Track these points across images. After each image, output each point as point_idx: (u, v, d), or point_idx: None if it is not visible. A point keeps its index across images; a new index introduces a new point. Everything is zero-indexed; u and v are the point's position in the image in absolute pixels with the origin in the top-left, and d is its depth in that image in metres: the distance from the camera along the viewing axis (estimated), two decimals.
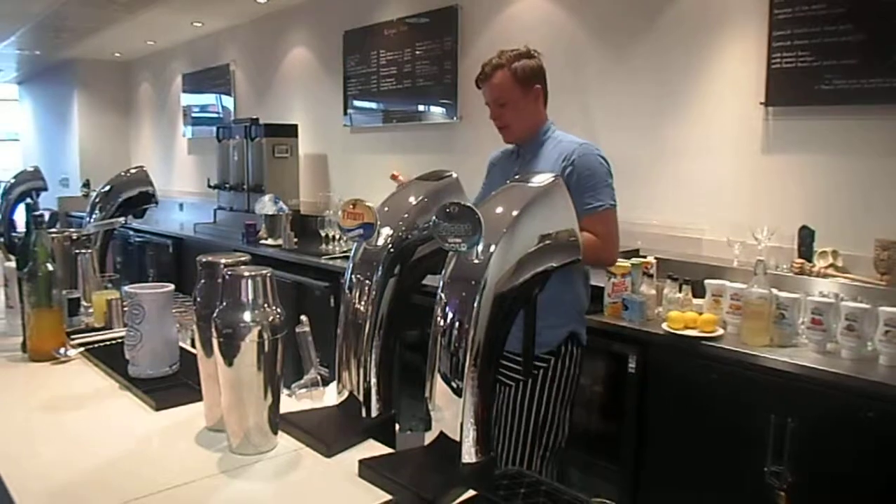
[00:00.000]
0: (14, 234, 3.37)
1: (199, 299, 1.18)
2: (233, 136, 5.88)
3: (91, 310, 2.00)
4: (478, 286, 0.99)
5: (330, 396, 1.53)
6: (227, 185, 5.92)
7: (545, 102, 2.43)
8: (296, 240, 4.86)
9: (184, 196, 7.41)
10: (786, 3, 2.96)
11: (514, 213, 1.03)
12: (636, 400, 2.71)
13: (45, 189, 3.68)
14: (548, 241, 1.06)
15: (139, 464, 1.14)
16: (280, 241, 4.91)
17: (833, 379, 2.23)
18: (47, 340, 1.65)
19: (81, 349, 1.70)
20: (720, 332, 2.58)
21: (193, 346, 1.73)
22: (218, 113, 7.31)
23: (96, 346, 1.72)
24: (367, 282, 1.20)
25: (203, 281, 1.18)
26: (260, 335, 1.08)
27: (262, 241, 5.04)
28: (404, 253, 1.22)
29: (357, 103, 5.40)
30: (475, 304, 0.99)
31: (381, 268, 1.19)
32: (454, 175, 1.29)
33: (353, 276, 1.23)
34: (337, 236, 4.65)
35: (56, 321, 1.67)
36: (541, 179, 1.11)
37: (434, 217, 1.02)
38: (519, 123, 2.35)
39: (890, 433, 2.09)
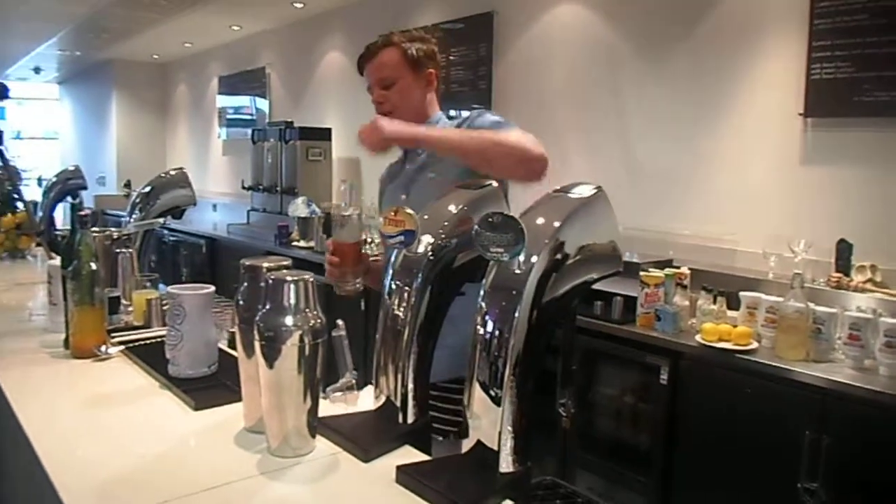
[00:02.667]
0: (55, 231, 3.45)
1: (241, 302, 1.20)
2: (267, 138, 5.95)
3: (130, 308, 2.04)
4: (518, 296, 1.00)
5: (364, 401, 1.54)
6: (261, 187, 5.99)
7: (438, 94, 2.10)
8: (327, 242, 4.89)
9: (217, 197, 7.50)
10: (827, 13, 2.93)
11: (556, 223, 1.03)
12: (667, 411, 2.69)
13: (86, 188, 3.77)
14: (589, 253, 1.06)
15: (180, 463, 1.16)
16: (312, 243, 4.95)
17: (870, 396, 2.20)
18: (89, 338, 1.68)
19: (122, 347, 1.73)
20: (755, 345, 2.55)
21: (230, 346, 1.77)
22: (252, 115, 7.40)
23: (136, 344, 1.75)
24: (407, 288, 1.21)
25: (245, 284, 1.20)
26: (301, 339, 1.09)
27: (295, 243, 5.08)
28: (443, 261, 1.23)
29: None
30: (515, 314, 0.99)
31: (420, 275, 1.20)
32: (494, 184, 1.30)
33: (392, 283, 1.24)
34: (368, 240, 4.67)
35: (98, 319, 1.70)
36: (582, 190, 1.11)
37: (476, 226, 1.02)
38: (405, 110, 1.97)
39: None
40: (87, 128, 10.49)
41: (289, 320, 1.09)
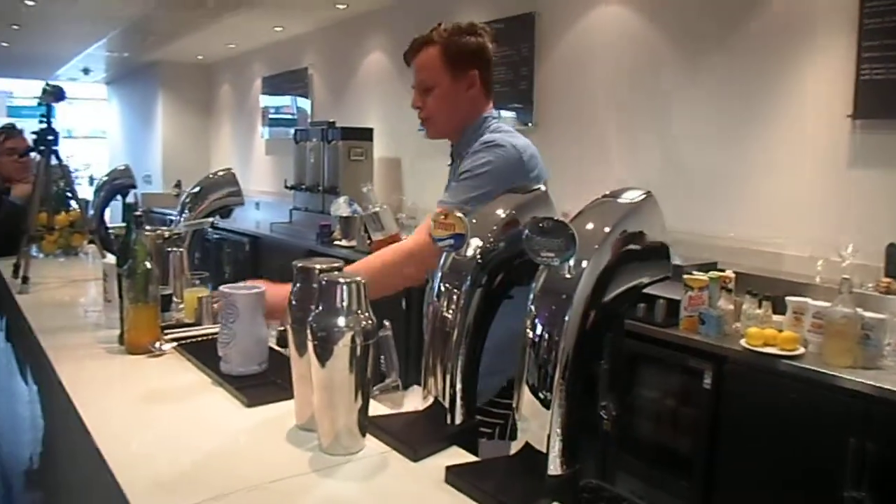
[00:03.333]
0: (107, 229, 3.54)
1: (294, 302, 1.22)
2: (310, 138, 6.03)
3: (181, 306, 2.09)
4: (569, 301, 1.01)
5: (409, 400, 1.56)
6: (303, 186, 6.07)
7: (488, 94, 1.92)
8: (369, 241, 4.93)
9: (260, 195, 7.61)
10: (876, 12, 2.87)
11: (607, 229, 1.04)
12: (710, 416, 2.68)
13: (135, 187, 3.86)
14: (639, 258, 1.06)
15: (235, 458, 1.19)
16: (354, 243, 5.01)
17: None
18: (144, 334, 1.73)
19: (174, 344, 1.78)
20: (801, 350, 2.52)
21: (278, 344, 1.81)
22: (293, 114, 7.50)
23: (188, 341, 1.80)
24: (456, 291, 1.23)
25: (298, 285, 1.23)
26: (353, 340, 1.11)
27: (336, 242, 5.14)
28: (491, 264, 1.24)
29: None
30: (566, 318, 1.01)
31: (469, 278, 1.22)
32: (542, 188, 1.31)
33: (441, 285, 1.26)
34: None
35: (152, 317, 1.76)
36: (632, 195, 1.12)
37: (526, 231, 1.03)
38: (444, 116, 1.86)
39: None
40: (133, 127, 10.74)
41: (341, 321, 1.12)
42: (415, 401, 1.50)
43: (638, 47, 3.91)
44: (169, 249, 2.20)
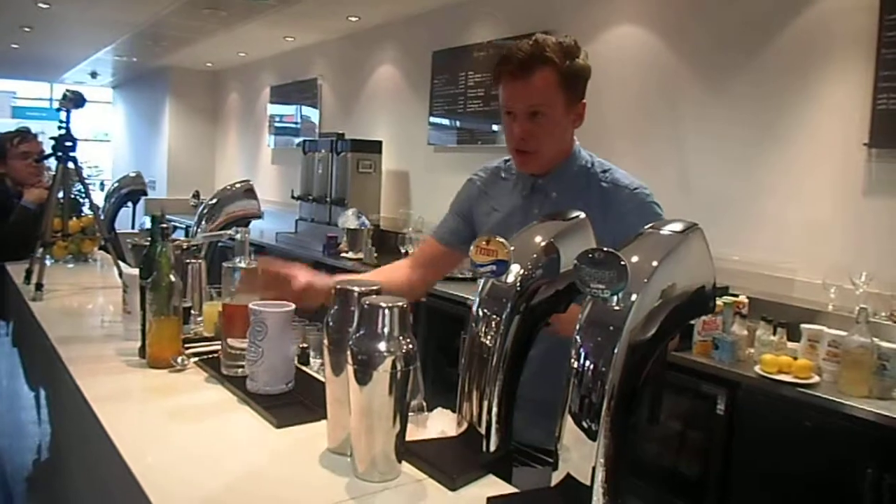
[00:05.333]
0: (117, 235, 3.53)
1: (331, 324, 1.22)
2: (318, 149, 6.03)
3: (200, 319, 2.08)
4: (617, 333, 1.00)
5: (433, 422, 1.55)
6: (311, 197, 6.06)
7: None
8: (376, 254, 4.94)
9: (265, 205, 7.54)
10: (894, 43, 2.88)
11: (654, 263, 1.03)
12: (723, 442, 2.66)
13: (146, 194, 3.85)
14: (685, 293, 1.06)
15: (267, 481, 1.18)
16: (361, 255, 5.00)
17: None
18: (166, 348, 1.72)
19: (196, 359, 1.76)
20: (816, 379, 2.51)
21: (299, 361, 1.79)
22: (296, 123, 7.51)
23: (209, 356, 1.79)
24: (496, 317, 1.22)
25: (336, 307, 1.22)
26: (394, 365, 1.11)
27: (343, 254, 5.13)
28: (530, 291, 1.23)
29: (442, 123, 5.47)
30: (614, 350, 1.00)
31: (509, 304, 1.21)
32: (582, 215, 1.30)
33: (480, 310, 1.25)
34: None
35: (175, 330, 1.74)
36: (676, 227, 1.11)
37: (576, 261, 1.03)
38: (548, 152, 1.67)
39: None
40: (139, 132, 10.74)
41: (382, 346, 1.11)
42: (439, 423, 1.49)
43: (653, 69, 3.92)
44: (188, 261, 2.19)
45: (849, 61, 3.09)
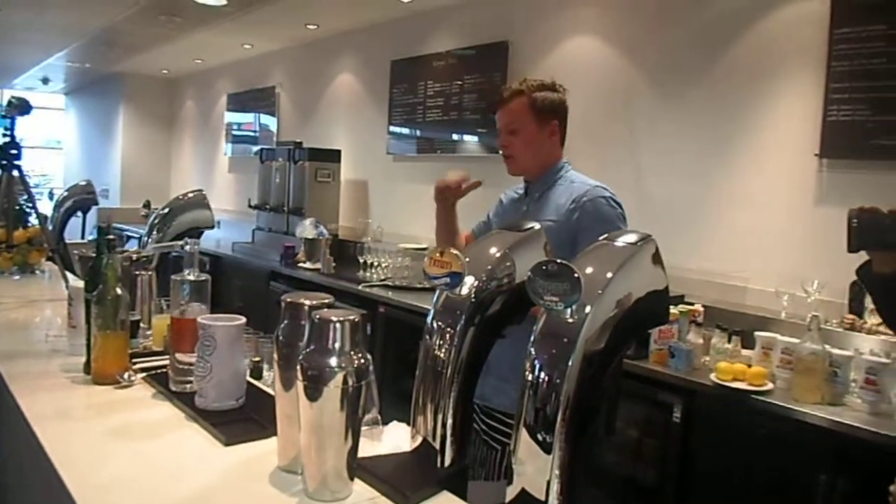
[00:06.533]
0: (65, 246, 3.44)
1: (281, 338, 1.18)
2: (276, 157, 5.96)
3: (149, 332, 2.02)
4: (572, 345, 0.99)
5: (387, 436, 1.52)
6: (268, 206, 5.98)
7: (562, 142, 2.27)
8: (334, 264, 4.89)
9: (222, 214, 7.47)
10: (845, 56, 2.95)
11: (608, 274, 1.03)
12: (680, 450, 2.67)
13: (97, 203, 3.76)
14: (639, 304, 1.05)
15: (213, 502, 1.14)
16: (318, 265, 4.94)
17: (886, 441, 2.18)
18: (112, 364, 1.66)
19: (143, 374, 1.71)
20: (770, 386, 2.54)
21: (251, 376, 1.75)
22: (254, 131, 7.43)
23: (158, 371, 1.73)
24: (450, 329, 1.20)
25: (286, 321, 1.19)
26: (345, 380, 1.08)
27: (301, 265, 5.07)
28: (485, 303, 1.22)
29: (401, 132, 5.45)
30: (569, 363, 0.99)
31: (463, 316, 1.19)
32: (536, 226, 1.29)
33: (434, 323, 1.23)
34: (375, 263, 4.67)
35: (122, 345, 1.69)
36: (630, 238, 1.11)
37: (529, 273, 1.02)
38: (526, 157, 2.18)
39: None
40: (92, 139, 10.50)
41: (333, 361, 1.08)
42: (394, 437, 1.46)
43: (611, 79, 3.95)
44: (137, 273, 2.13)
45: (800, 73, 3.15)
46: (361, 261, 4.76)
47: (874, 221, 1.50)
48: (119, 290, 1.67)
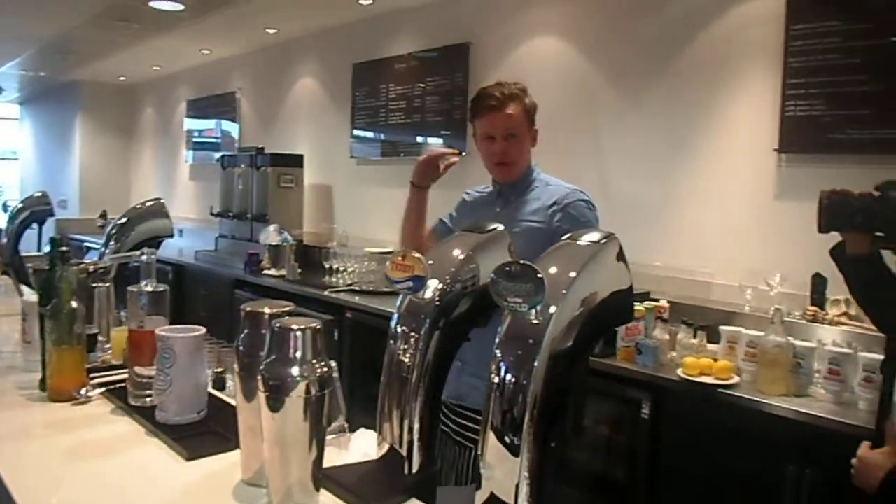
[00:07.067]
0: (21, 259, 3.34)
1: (241, 348, 1.15)
2: (238, 164, 5.88)
3: (108, 346, 1.97)
4: (537, 346, 0.98)
5: (355, 444, 1.50)
6: (231, 213, 5.90)
7: None
8: (300, 270, 4.84)
9: (183, 222, 7.37)
10: (801, 52, 3.00)
11: (572, 274, 1.02)
12: (649, 446, 2.68)
13: (53, 215, 3.67)
14: (604, 303, 1.04)
15: None
16: (283, 272, 4.88)
17: (851, 431, 2.21)
18: (68, 380, 1.62)
19: (102, 389, 1.66)
20: (736, 379, 2.56)
21: (214, 387, 1.71)
22: (216, 138, 7.33)
23: (117, 386, 1.69)
24: (414, 334, 1.18)
25: (246, 330, 1.16)
26: (308, 390, 1.05)
27: (265, 272, 5.01)
28: (449, 306, 1.20)
29: (364, 135, 5.42)
30: (535, 364, 0.98)
31: (428, 320, 1.18)
32: (500, 227, 1.28)
33: (398, 328, 1.21)
34: (341, 268, 4.64)
35: (78, 360, 1.64)
36: (593, 237, 1.10)
37: (493, 275, 1.00)
38: (522, 162, 2.23)
39: None
40: (48, 149, 10.28)
41: (295, 370, 1.05)
42: (362, 444, 1.44)
43: (571, 79, 3.97)
44: (94, 285, 2.08)
45: (758, 70, 3.19)
46: (327, 266, 4.72)
47: (844, 203, 1.53)
48: (74, 304, 1.62)
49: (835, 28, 2.90)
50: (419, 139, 4.94)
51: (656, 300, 3.00)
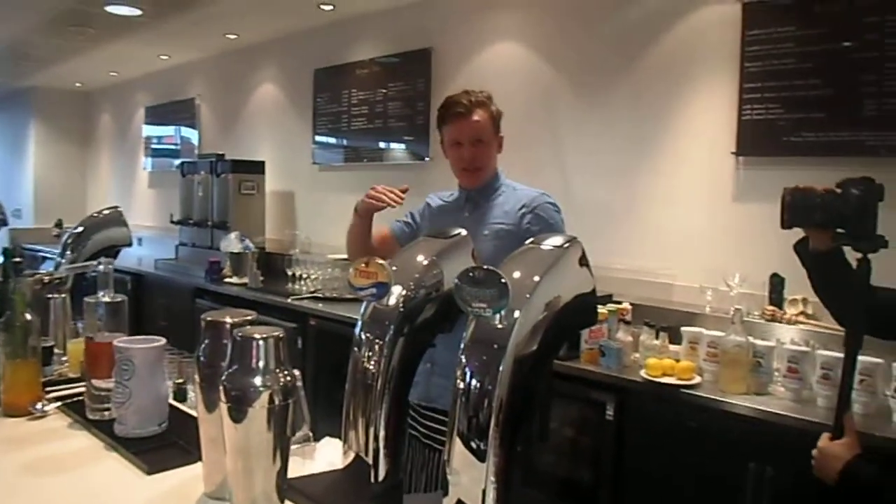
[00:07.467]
0: None
1: (202, 358, 1.13)
2: (198, 171, 5.80)
3: (65, 358, 1.92)
4: (502, 351, 0.98)
5: (320, 453, 1.48)
6: (191, 221, 5.81)
7: None
8: (262, 278, 4.79)
9: (143, 230, 7.25)
10: (757, 56, 3.06)
11: (536, 278, 1.02)
12: (614, 447, 2.70)
13: (6, 224, 3.58)
14: (568, 306, 1.05)
15: None
16: (245, 280, 4.83)
17: (810, 427, 2.25)
18: (23, 394, 1.57)
19: (58, 403, 1.62)
20: (697, 379, 2.59)
21: (175, 398, 1.68)
22: (176, 145, 7.23)
23: (74, 399, 1.65)
24: (378, 341, 1.17)
25: (207, 341, 1.14)
26: (271, 400, 1.04)
27: (227, 280, 4.94)
28: (414, 312, 1.20)
29: (326, 141, 5.39)
30: (500, 369, 0.97)
31: (392, 327, 1.17)
32: (463, 233, 1.28)
33: (362, 335, 1.20)
34: (304, 276, 4.60)
35: (33, 374, 1.60)
36: (556, 241, 1.11)
37: (456, 280, 1.00)
38: (490, 168, 2.30)
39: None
40: (1, 158, 10.02)
41: (258, 380, 1.04)
42: (327, 453, 1.43)
43: (533, 83, 3.99)
44: (49, 296, 2.03)
45: (716, 74, 3.25)
46: (290, 273, 4.68)
47: (806, 200, 1.56)
48: (28, 316, 1.59)
49: (789, 33, 2.97)
50: (382, 145, 4.92)
51: (619, 302, 3.03)
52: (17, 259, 1.63)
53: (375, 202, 2.18)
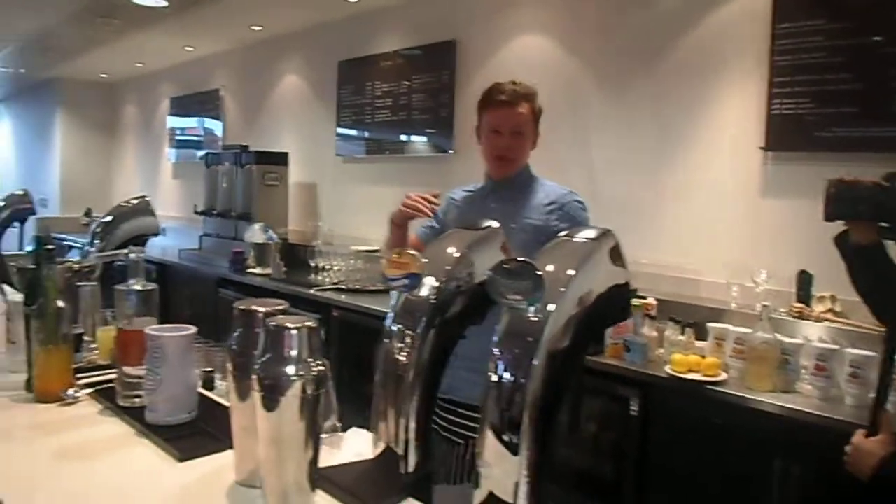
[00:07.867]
0: (2, 258, 3.29)
1: (234, 347, 1.14)
2: (222, 162, 5.84)
3: (94, 346, 1.94)
4: (536, 344, 0.97)
5: (347, 443, 1.49)
6: (215, 212, 5.85)
7: None
8: (285, 269, 4.81)
9: (167, 221, 7.30)
10: (787, 50, 3.01)
11: (571, 271, 1.01)
12: (638, 443, 2.69)
13: (35, 213, 3.62)
14: (602, 300, 1.04)
15: None
16: (269, 270, 4.85)
17: (837, 426, 2.22)
18: (55, 381, 1.59)
19: (89, 390, 1.64)
20: (723, 376, 2.57)
21: (204, 387, 1.69)
22: (199, 136, 7.28)
23: (104, 386, 1.66)
24: (410, 332, 1.17)
25: (239, 330, 1.14)
26: (303, 389, 1.04)
27: (250, 270, 4.97)
28: (445, 304, 1.19)
29: (349, 133, 5.39)
30: (534, 362, 0.97)
31: (424, 319, 1.17)
32: (495, 225, 1.27)
33: (393, 326, 1.20)
34: (326, 267, 4.61)
35: (65, 360, 1.61)
36: (589, 234, 1.10)
37: (490, 272, 0.99)
38: (523, 160, 2.29)
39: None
40: (28, 148, 10.15)
41: (290, 369, 1.04)
42: (355, 444, 1.43)
43: (557, 77, 3.97)
44: (79, 284, 2.05)
45: (745, 68, 3.21)
46: (313, 265, 4.69)
47: (851, 192, 1.53)
48: (60, 303, 1.60)
49: (820, 27, 2.92)
50: (405, 137, 4.92)
51: (644, 297, 3.01)
52: (50, 247, 1.64)
53: (412, 211, 2.17)
